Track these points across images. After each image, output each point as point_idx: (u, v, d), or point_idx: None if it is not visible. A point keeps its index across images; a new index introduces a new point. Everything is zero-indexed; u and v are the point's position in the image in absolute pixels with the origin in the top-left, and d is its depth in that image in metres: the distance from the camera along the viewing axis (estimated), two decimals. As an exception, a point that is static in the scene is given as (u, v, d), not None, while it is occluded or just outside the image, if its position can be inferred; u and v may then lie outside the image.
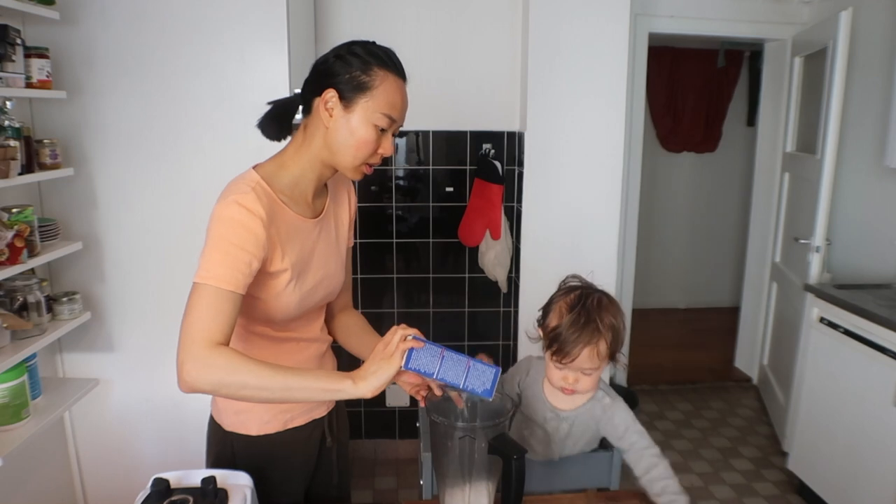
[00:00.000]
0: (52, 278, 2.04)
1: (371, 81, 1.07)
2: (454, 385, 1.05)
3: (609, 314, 1.24)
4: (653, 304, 5.09)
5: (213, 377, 0.97)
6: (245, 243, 1.02)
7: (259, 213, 1.04)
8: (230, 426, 1.25)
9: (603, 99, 2.49)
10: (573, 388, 1.27)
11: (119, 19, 1.93)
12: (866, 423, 2.20)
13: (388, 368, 1.01)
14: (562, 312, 1.24)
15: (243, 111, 1.97)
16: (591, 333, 1.20)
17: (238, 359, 0.98)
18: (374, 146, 1.10)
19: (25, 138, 1.72)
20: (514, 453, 1.07)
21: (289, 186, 1.14)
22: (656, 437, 3.14)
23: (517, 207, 2.68)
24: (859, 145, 2.80)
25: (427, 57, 2.64)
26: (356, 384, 1.01)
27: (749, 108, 4.96)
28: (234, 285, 1.01)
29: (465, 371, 1.05)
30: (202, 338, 0.98)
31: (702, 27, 3.30)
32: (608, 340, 1.22)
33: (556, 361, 1.24)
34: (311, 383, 1.02)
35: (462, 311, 2.87)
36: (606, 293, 1.29)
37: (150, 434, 2.17)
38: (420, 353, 1.03)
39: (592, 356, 1.21)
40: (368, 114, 1.07)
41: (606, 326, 1.22)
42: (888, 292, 2.42)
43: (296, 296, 1.14)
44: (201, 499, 1.03)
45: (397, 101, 1.10)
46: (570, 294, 1.27)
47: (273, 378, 0.99)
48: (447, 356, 1.05)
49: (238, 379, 0.98)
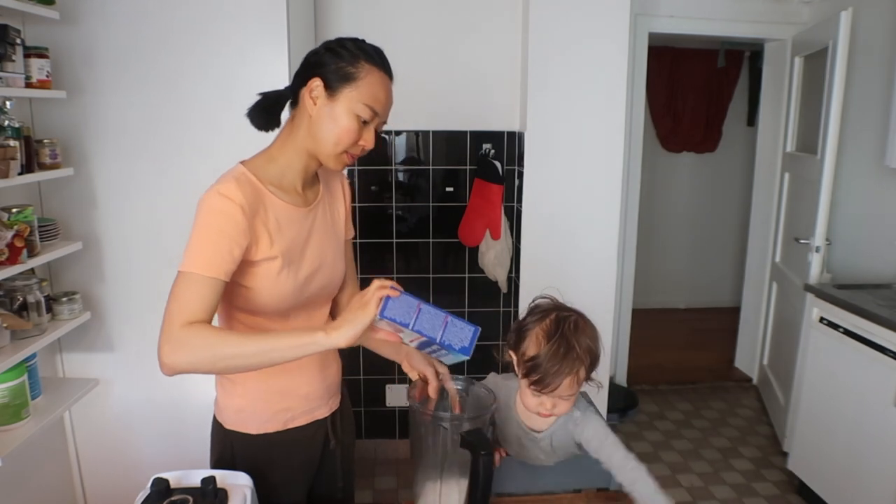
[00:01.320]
0: (52, 278, 2.04)
1: (357, 73, 1.09)
2: (430, 338, 1.01)
3: (586, 336, 1.20)
4: (653, 304, 5.09)
5: (188, 355, 0.99)
6: (224, 230, 1.04)
7: (239, 200, 1.05)
8: (230, 425, 1.25)
9: (603, 99, 2.49)
10: (551, 412, 1.24)
11: (119, 19, 1.93)
12: (866, 423, 2.20)
13: (364, 317, 0.98)
14: (539, 341, 1.20)
15: (243, 111, 1.96)
16: (572, 363, 1.17)
17: (211, 332, 1.00)
18: (355, 136, 1.11)
19: (25, 138, 1.72)
20: (482, 449, 1.05)
21: (277, 177, 1.16)
22: (656, 437, 3.17)
23: (517, 207, 2.68)
24: (859, 145, 2.80)
25: (427, 57, 2.64)
26: (328, 334, 0.99)
27: (749, 108, 4.96)
28: (214, 271, 1.03)
29: (443, 325, 1.01)
30: (178, 320, 1.00)
31: (702, 27, 3.30)
32: (587, 366, 1.20)
33: (534, 389, 1.21)
34: (284, 342, 1.01)
35: (462, 312, 2.87)
36: (579, 313, 1.25)
37: (150, 434, 2.17)
38: (396, 303, 0.99)
39: (573, 383, 1.19)
40: (352, 104, 1.09)
41: (585, 351, 1.19)
42: (888, 292, 2.42)
43: (290, 284, 1.15)
44: (201, 499, 1.03)
45: (381, 95, 1.12)
46: (545, 319, 1.22)
47: (245, 344, 1.01)
48: (424, 309, 1.01)
49: (212, 352, 0.99)
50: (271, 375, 1.20)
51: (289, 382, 1.24)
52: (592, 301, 2.58)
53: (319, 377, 1.28)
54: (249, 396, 1.23)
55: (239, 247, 1.06)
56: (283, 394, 1.24)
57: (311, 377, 1.27)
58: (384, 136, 2.72)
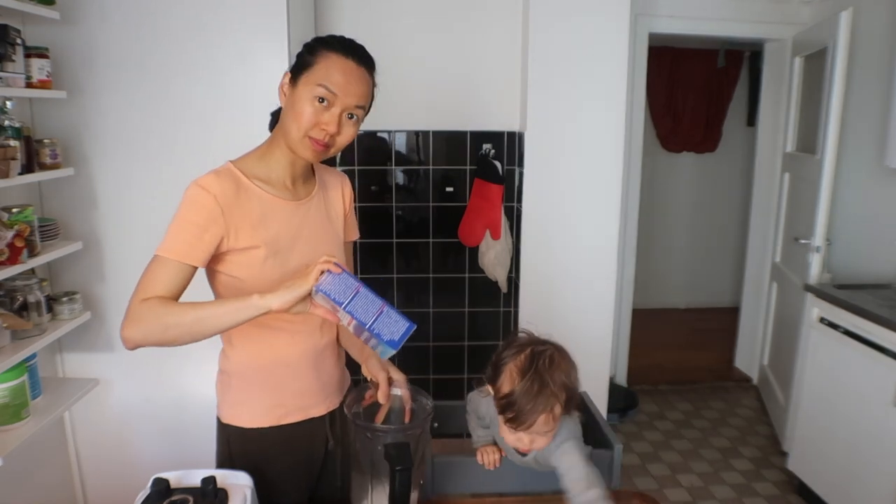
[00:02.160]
0: (52, 278, 2.04)
1: (313, 59, 1.13)
2: (361, 322, 1.03)
3: (560, 372, 1.18)
4: (653, 304, 5.09)
5: (142, 327, 1.05)
6: (195, 217, 1.10)
7: (213, 189, 1.11)
8: (227, 418, 1.27)
9: (603, 99, 2.49)
10: (529, 448, 1.23)
11: (119, 19, 1.93)
12: (866, 423, 2.20)
13: (301, 284, 1.03)
14: (513, 377, 1.18)
15: (243, 111, 1.97)
16: (547, 399, 1.15)
17: (160, 304, 1.05)
18: (312, 119, 1.12)
19: (25, 138, 1.73)
20: (399, 464, 1.05)
21: (265, 172, 1.20)
22: (656, 437, 3.18)
23: (517, 207, 2.68)
24: (859, 145, 2.80)
25: (427, 57, 2.64)
26: (263, 296, 1.03)
27: (749, 108, 4.95)
28: (182, 256, 1.09)
29: (377, 313, 1.03)
30: (137, 298, 1.07)
31: (702, 27, 3.30)
32: (562, 401, 1.18)
33: (509, 426, 1.19)
34: (222, 307, 1.07)
35: (462, 311, 2.87)
36: (557, 346, 1.23)
37: (150, 434, 2.17)
38: (335, 279, 1.02)
39: (548, 420, 1.17)
40: (308, 87, 1.12)
41: (559, 387, 1.16)
42: (888, 292, 2.42)
43: (277, 273, 1.17)
44: (201, 499, 1.03)
45: (335, 75, 1.12)
46: (520, 355, 1.20)
47: (187, 313, 1.05)
48: (362, 293, 1.03)
49: (160, 322, 1.05)
50: (265, 368, 1.23)
51: (282, 377, 1.25)
52: (592, 301, 2.62)
53: (314, 374, 1.28)
54: (244, 389, 1.26)
55: (210, 234, 1.11)
56: (276, 388, 1.25)
57: (305, 373, 1.27)
58: (384, 136, 2.72)
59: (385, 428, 1.18)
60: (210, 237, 1.11)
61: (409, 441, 1.12)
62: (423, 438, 1.21)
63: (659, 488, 2.71)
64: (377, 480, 1.14)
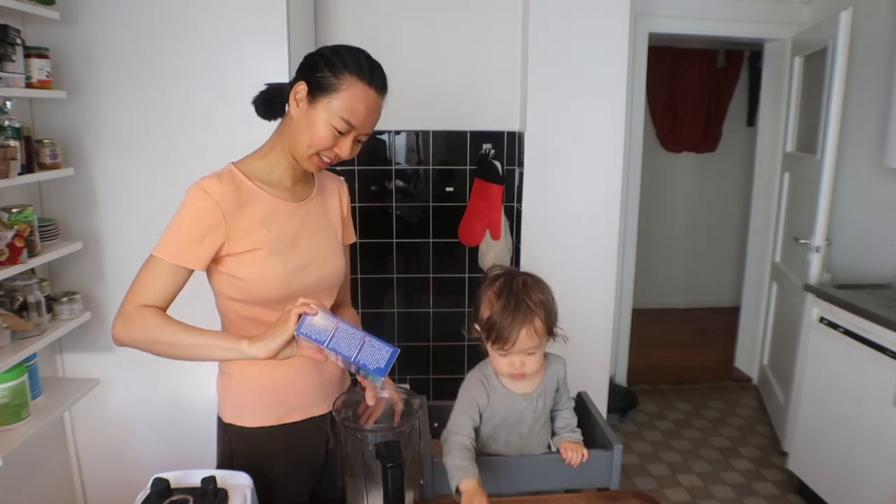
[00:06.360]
0: (52, 278, 2.04)
1: (338, 85, 1.12)
2: (346, 357, 1.05)
3: (536, 291, 1.26)
4: (653, 304, 5.09)
5: (132, 333, 1.09)
6: (194, 220, 1.11)
7: (215, 194, 1.11)
8: (228, 418, 1.27)
9: (603, 99, 2.49)
10: (521, 371, 1.28)
11: (119, 19, 1.92)
12: (866, 423, 2.20)
13: (282, 332, 1.03)
14: (491, 302, 1.25)
15: (243, 111, 1.96)
16: (525, 314, 1.22)
17: (156, 318, 1.08)
18: (328, 144, 1.15)
19: (25, 138, 1.72)
20: (391, 461, 1.06)
21: (265, 173, 1.21)
22: (656, 437, 3.18)
23: (517, 207, 2.68)
24: (859, 145, 2.80)
25: (427, 56, 2.64)
26: (251, 344, 1.04)
27: (749, 108, 4.95)
28: (179, 259, 1.10)
29: (360, 345, 1.06)
30: (133, 300, 1.10)
31: (702, 27, 3.30)
32: (542, 317, 1.24)
33: (497, 349, 1.26)
34: (211, 341, 1.08)
35: (462, 311, 2.87)
36: (530, 274, 1.31)
37: (150, 434, 2.17)
38: (313, 320, 1.04)
39: (531, 335, 1.23)
40: (329, 114, 1.12)
41: (536, 303, 1.24)
42: (888, 292, 2.42)
43: (279, 272, 1.17)
44: (201, 499, 1.03)
45: (360, 108, 1.13)
46: (496, 283, 1.28)
47: (179, 335, 1.07)
48: (341, 328, 1.05)
49: (150, 335, 1.08)
50: (266, 368, 1.23)
51: (283, 376, 1.25)
52: (592, 301, 2.62)
53: (315, 373, 1.29)
54: (245, 389, 1.26)
55: (210, 239, 1.12)
56: (277, 387, 1.26)
57: (306, 372, 1.27)
58: (384, 136, 2.72)
59: (374, 428, 1.19)
60: (210, 242, 1.12)
61: (400, 439, 1.13)
62: (414, 436, 1.22)
63: (659, 488, 2.71)
64: (371, 483, 1.14)
